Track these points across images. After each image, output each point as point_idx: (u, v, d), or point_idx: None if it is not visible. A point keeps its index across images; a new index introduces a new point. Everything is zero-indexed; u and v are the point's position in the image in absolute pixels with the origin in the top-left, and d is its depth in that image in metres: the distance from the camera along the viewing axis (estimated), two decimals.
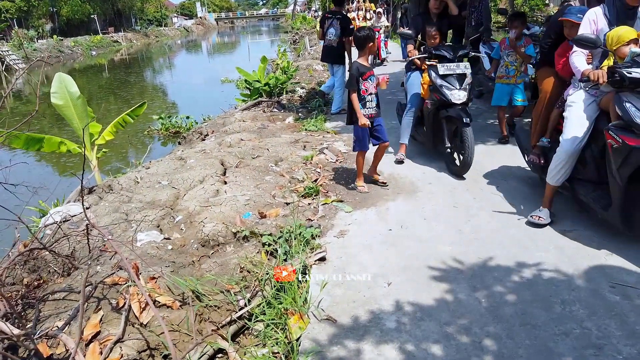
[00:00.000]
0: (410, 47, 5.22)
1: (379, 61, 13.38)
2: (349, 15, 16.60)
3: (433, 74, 4.65)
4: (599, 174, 3.31)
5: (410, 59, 5.09)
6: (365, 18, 15.23)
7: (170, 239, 3.59)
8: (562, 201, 3.81)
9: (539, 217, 3.51)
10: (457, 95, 4.52)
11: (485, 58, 7.47)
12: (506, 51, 5.49)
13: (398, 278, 2.98)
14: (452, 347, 2.35)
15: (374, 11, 15.59)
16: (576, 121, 3.28)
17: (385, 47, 14.31)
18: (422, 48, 5.10)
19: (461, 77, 4.63)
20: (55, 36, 36.27)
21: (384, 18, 15.35)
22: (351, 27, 7.36)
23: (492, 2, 22.92)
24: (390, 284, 2.93)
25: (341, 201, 4.25)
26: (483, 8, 7.83)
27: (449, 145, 4.77)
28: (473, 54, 5.39)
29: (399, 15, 18.91)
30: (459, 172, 4.63)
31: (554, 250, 3.19)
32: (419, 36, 5.25)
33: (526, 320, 2.51)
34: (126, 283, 2.80)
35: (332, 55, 7.57)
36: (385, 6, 19.85)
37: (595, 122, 3.25)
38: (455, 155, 4.77)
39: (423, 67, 4.96)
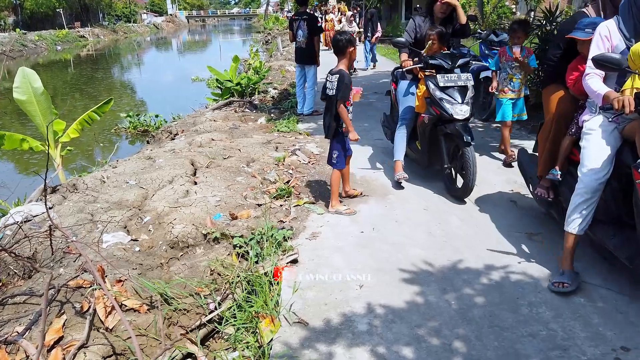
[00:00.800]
0: (404, 55, 4.68)
1: (352, 70, 13.39)
2: (327, 17, 16.41)
3: (432, 86, 4.17)
4: (619, 215, 2.78)
5: (406, 68, 4.50)
6: (339, 21, 15.25)
7: (137, 240, 3.49)
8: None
9: (563, 283, 2.79)
10: (459, 110, 4.05)
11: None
12: (509, 63, 4.96)
13: (370, 280, 2.99)
14: (423, 350, 2.37)
15: (343, 14, 15.63)
16: (597, 152, 2.72)
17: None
18: (418, 57, 4.57)
19: (463, 90, 4.17)
20: (18, 29, 35.00)
21: (354, 23, 14.98)
22: (318, 25, 7.39)
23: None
24: (362, 286, 2.93)
25: (313, 203, 4.24)
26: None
27: (448, 165, 4.32)
28: (475, 64, 4.90)
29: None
30: (460, 195, 4.19)
31: (521, 253, 3.26)
32: (412, 44, 4.72)
33: (494, 322, 2.56)
34: (91, 286, 2.70)
35: (303, 56, 7.60)
36: (358, 10, 19.93)
37: (616, 154, 2.73)
38: (454, 174, 4.34)
39: (420, 77, 4.42)
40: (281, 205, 4.18)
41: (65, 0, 42.75)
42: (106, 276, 2.81)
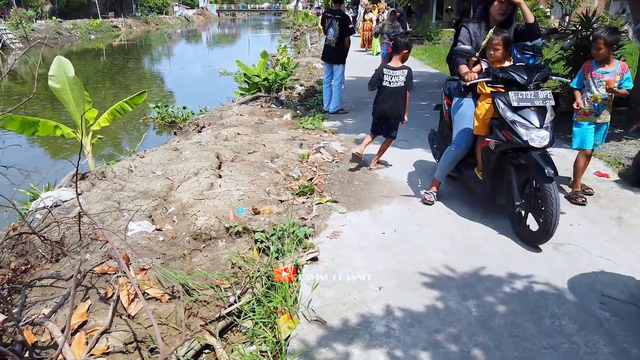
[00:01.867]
0: (464, 67, 3.97)
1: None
2: (365, 16, 16.05)
3: (502, 105, 3.44)
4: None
5: (470, 82, 3.69)
6: (376, 20, 14.97)
7: (161, 230, 3.56)
8: None
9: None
10: (536, 137, 3.30)
11: (484, 66, 7.48)
12: (595, 80, 4.06)
13: (389, 282, 2.98)
14: (441, 356, 2.35)
15: (382, 12, 15.25)
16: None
17: None
18: (484, 69, 3.85)
19: (541, 111, 3.40)
20: (54, 17, 35.89)
21: (398, 23, 11.89)
22: (350, 26, 7.34)
23: None
24: (382, 287, 2.92)
25: (335, 202, 4.24)
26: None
27: (520, 202, 3.54)
28: (560, 80, 4.16)
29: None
30: (535, 241, 3.39)
31: (544, 262, 3.20)
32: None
33: (515, 332, 2.52)
34: (115, 273, 2.77)
35: (331, 55, 7.55)
36: (388, 8, 19.58)
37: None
38: (525, 214, 3.56)
39: (480, 91, 3.80)
40: (303, 203, 4.20)
41: None
42: (130, 264, 2.88)
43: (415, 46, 17.91)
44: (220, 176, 4.58)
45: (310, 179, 4.70)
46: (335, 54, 7.48)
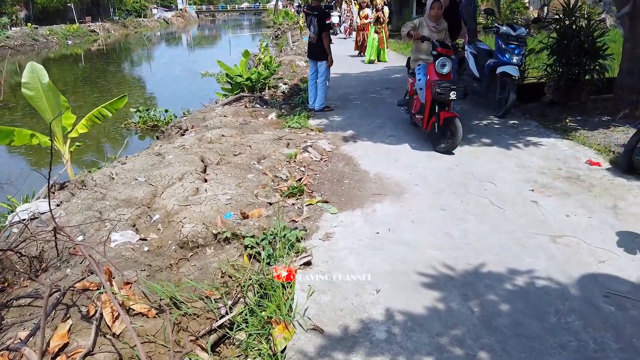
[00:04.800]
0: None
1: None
2: (360, 13, 14.75)
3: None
4: None
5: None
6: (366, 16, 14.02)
7: (146, 239, 3.40)
8: None
9: None
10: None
11: (470, 58, 7.41)
12: None
13: (387, 284, 2.86)
14: None
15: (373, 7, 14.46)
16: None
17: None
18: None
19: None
20: (29, 24, 35.07)
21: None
22: (327, 22, 7.23)
23: (479, 2, 23.07)
24: (379, 290, 2.80)
25: (326, 202, 4.11)
26: (464, 9, 7.78)
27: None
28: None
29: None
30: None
31: (544, 256, 3.11)
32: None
33: (520, 331, 2.42)
34: (98, 289, 2.61)
35: (314, 52, 7.49)
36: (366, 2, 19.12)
37: None
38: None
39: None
40: (293, 204, 4.06)
41: None
42: (114, 278, 2.72)
43: (397, 40, 17.83)
44: (205, 180, 4.43)
45: (299, 180, 4.57)
46: (317, 51, 7.39)
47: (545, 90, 7.43)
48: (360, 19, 14.44)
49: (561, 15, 7.23)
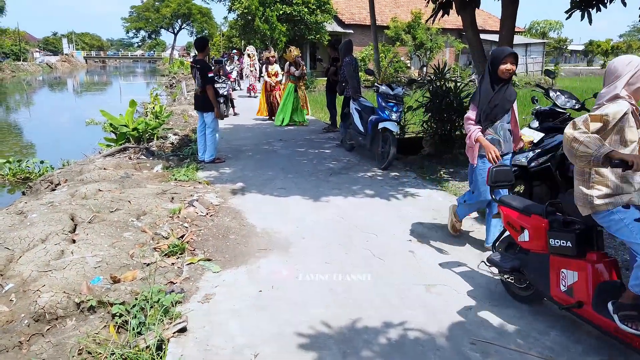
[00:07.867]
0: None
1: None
2: (269, 69, 13.54)
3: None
4: None
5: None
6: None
7: None
8: None
9: None
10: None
11: (355, 114, 7.83)
12: None
13: (267, 348, 2.75)
14: None
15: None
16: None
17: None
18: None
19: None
20: None
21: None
22: (210, 75, 7.22)
23: (362, 62, 24.77)
24: (257, 355, 2.68)
25: (209, 260, 3.94)
26: (345, 67, 8.33)
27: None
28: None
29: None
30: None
31: (419, 307, 3.23)
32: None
33: None
34: None
35: (200, 104, 7.45)
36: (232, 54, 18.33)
37: None
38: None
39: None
40: (173, 264, 3.83)
41: None
42: None
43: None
44: (74, 241, 4.03)
45: (182, 237, 4.35)
46: (202, 103, 7.37)
47: (423, 144, 8.05)
48: (270, 76, 12.01)
49: (433, 77, 8.00)
